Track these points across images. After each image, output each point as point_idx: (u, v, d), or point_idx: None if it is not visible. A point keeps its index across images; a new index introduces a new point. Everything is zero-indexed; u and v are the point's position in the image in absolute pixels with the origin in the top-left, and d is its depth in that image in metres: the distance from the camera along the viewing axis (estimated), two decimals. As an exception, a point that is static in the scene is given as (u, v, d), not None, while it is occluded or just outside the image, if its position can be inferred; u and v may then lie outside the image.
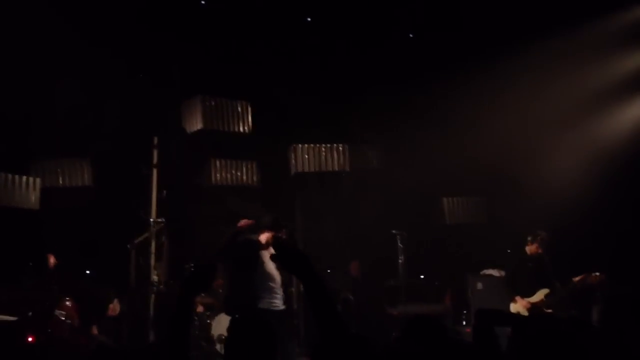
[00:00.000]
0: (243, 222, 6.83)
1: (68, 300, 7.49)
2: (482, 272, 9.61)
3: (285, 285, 7.02)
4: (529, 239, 7.95)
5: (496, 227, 9.82)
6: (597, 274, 7.56)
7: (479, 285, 9.52)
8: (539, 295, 7.76)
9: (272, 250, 6.53)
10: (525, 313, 7.65)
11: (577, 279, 7.62)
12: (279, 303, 6.79)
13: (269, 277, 6.75)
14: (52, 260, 7.89)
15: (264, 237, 6.81)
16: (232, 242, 6.76)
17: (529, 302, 7.70)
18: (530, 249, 7.97)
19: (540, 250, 7.92)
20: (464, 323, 9.11)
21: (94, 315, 7.68)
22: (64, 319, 7.38)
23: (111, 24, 8.71)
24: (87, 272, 8.19)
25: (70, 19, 8.46)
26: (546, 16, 8.80)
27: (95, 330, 7.64)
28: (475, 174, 9.98)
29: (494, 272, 9.48)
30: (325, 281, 2.70)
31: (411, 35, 10.17)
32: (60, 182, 9.17)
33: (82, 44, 8.60)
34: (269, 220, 6.88)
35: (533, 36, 8.73)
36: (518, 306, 7.75)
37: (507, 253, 9.28)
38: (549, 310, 7.61)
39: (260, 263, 6.76)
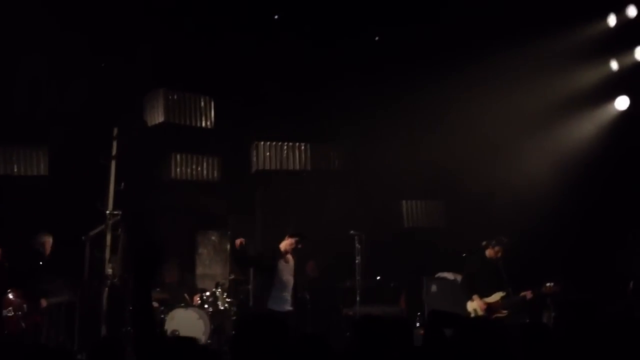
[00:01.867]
0: (238, 242, 7.60)
1: (10, 293, 7.33)
2: (436, 275, 9.74)
3: (295, 289, 7.77)
4: (493, 242, 8.18)
5: (453, 231, 9.96)
6: (551, 284, 7.76)
7: (433, 288, 9.65)
8: (495, 297, 8.01)
9: (289, 257, 7.56)
10: (481, 312, 7.98)
11: (529, 294, 7.85)
12: (288, 306, 7.62)
13: (282, 281, 7.61)
14: None
15: (284, 245, 7.72)
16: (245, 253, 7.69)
17: (485, 303, 7.98)
18: (489, 252, 8.21)
19: (499, 255, 8.18)
20: (418, 325, 9.20)
21: (36, 289, 7.53)
22: (12, 314, 7.24)
23: (75, 8, 8.56)
24: (40, 263, 7.99)
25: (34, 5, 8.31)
26: (514, 24, 8.95)
27: (44, 303, 7.52)
28: (434, 178, 10.11)
29: (448, 275, 9.62)
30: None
31: (377, 38, 10.23)
32: (15, 170, 8.97)
33: (45, 28, 8.44)
34: (293, 231, 7.94)
35: (499, 42, 8.85)
36: (475, 304, 8.03)
37: (462, 257, 9.42)
38: (504, 312, 7.92)
39: (277, 269, 7.63)
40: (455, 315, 3.72)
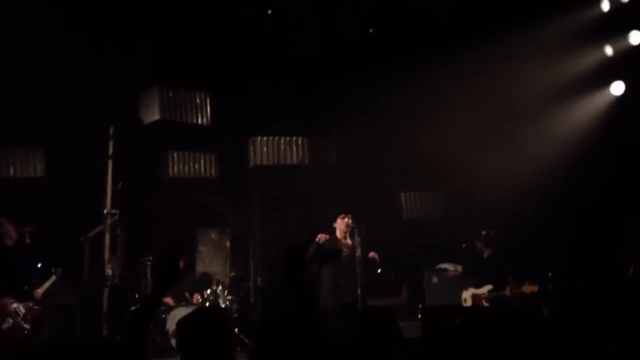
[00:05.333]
0: (324, 238, 7.09)
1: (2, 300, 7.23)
2: (437, 267, 9.75)
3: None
4: (480, 236, 8.56)
5: (452, 222, 9.95)
6: (533, 287, 7.81)
7: (434, 279, 9.68)
8: (484, 289, 8.41)
9: (349, 241, 7.11)
10: (469, 302, 8.42)
11: (508, 291, 7.95)
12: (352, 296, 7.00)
13: (345, 272, 7.11)
14: None
15: (339, 228, 7.30)
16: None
17: (473, 293, 8.48)
18: (477, 244, 8.67)
19: (483, 248, 8.56)
20: (420, 316, 9.20)
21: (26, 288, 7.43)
22: (12, 322, 7.16)
23: (70, 8, 8.51)
24: (39, 265, 7.96)
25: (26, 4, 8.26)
26: (508, 11, 8.92)
27: (38, 294, 7.42)
28: (433, 169, 10.09)
29: (449, 266, 9.64)
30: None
31: (371, 30, 10.19)
32: (12, 172, 8.92)
33: (40, 28, 8.39)
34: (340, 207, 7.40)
35: (494, 30, 8.83)
36: (466, 294, 8.60)
37: (462, 247, 9.44)
38: (486, 304, 8.25)
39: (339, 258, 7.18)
40: (449, 307, 3.72)
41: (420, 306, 9.49)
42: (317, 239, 6.97)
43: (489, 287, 8.30)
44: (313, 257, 6.95)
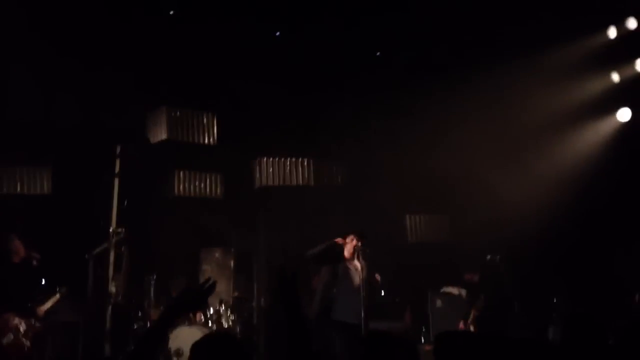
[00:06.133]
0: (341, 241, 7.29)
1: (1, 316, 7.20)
2: (442, 290, 9.70)
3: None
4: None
5: (457, 246, 9.93)
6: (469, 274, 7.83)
7: (438, 303, 9.61)
8: (472, 314, 8.60)
9: (357, 263, 7.09)
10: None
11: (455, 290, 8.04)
12: (358, 318, 7.03)
13: (352, 290, 7.19)
14: None
15: (347, 249, 7.42)
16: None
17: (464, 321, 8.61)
18: (467, 277, 9.08)
19: (472, 278, 8.91)
20: (423, 341, 9.14)
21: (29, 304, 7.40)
22: (12, 338, 7.14)
23: (75, 27, 8.60)
24: (42, 281, 7.96)
25: (34, 22, 8.34)
26: (515, 37, 8.99)
27: (40, 311, 7.38)
28: (439, 192, 10.09)
29: (454, 290, 9.59)
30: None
31: (378, 54, 10.26)
32: (19, 189, 8.96)
33: (43, 46, 8.48)
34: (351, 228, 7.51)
35: (501, 56, 8.89)
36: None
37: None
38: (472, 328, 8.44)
39: (346, 274, 7.30)
40: (463, 332, 3.68)
41: (423, 329, 9.43)
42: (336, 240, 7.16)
43: (473, 310, 8.46)
44: (321, 253, 7.20)
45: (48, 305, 7.52)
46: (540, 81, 9.39)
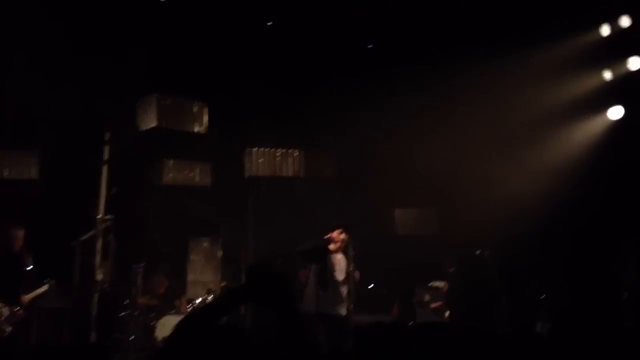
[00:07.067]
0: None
1: None
2: (429, 284, 9.72)
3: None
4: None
5: (446, 239, 9.94)
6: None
7: (426, 297, 9.64)
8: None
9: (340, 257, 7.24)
10: None
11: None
12: (343, 309, 7.28)
13: (336, 282, 7.32)
14: None
15: (336, 242, 7.47)
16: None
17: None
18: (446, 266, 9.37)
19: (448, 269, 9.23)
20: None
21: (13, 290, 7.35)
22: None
23: (68, 12, 8.52)
24: (29, 267, 7.88)
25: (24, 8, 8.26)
26: (508, 33, 8.97)
27: (25, 299, 7.34)
28: (428, 186, 10.09)
29: (440, 284, 9.62)
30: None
31: (369, 46, 10.22)
32: (6, 173, 8.88)
33: (37, 31, 8.39)
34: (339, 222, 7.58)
35: (492, 51, 8.87)
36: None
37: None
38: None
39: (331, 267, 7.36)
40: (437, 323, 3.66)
41: (410, 322, 9.45)
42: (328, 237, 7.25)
43: None
44: (310, 250, 7.29)
45: (34, 294, 7.50)
46: (532, 78, 9.39)
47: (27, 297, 7.43)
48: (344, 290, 7.32)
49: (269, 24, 9.81)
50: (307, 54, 9.69)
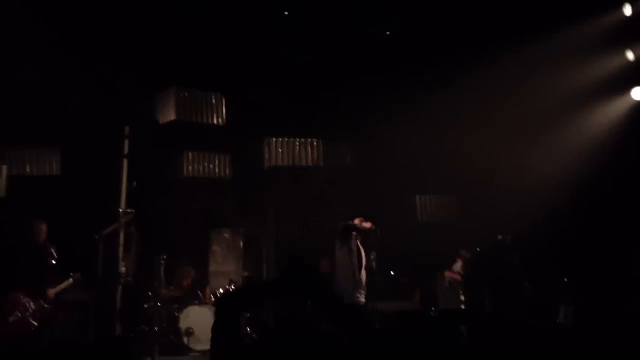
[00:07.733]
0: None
1: (11, 295, 7.22)
2: (449, 270, 9.68)
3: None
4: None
5: (466, 226, 9.88)
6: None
7: (446, 283, 9.61)
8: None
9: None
10: None
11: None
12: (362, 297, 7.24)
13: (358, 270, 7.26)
14: None
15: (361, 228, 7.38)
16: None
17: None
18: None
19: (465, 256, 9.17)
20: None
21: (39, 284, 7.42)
22: (20, 316, 7.16)
23: (85, 10, 8.56)
24: (53, 262, 7.97)
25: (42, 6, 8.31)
26: (530, 16, 8.86)
27: (51, 292, 7.41)
28: (448, 173, 10.03)
29: (461, 271, 9.57)
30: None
31: (388, 33, 10.15)
32: (28, 170, 8.98)
33: (55, 28, 8.45)
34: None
35: (510, 38, 8.78)
36: None
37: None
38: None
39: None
40: (465, 311, 3.64)
41: (432, 309, 9.43)
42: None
43: None
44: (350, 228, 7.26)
45: (59, 288, 7.56)
46: (555, 60, 9.27)
47: (53, 291, 7.49)
48: (364, 277, 7.33)
49: (285, 14, 9.78)
50: (325, 45, 9.65)
